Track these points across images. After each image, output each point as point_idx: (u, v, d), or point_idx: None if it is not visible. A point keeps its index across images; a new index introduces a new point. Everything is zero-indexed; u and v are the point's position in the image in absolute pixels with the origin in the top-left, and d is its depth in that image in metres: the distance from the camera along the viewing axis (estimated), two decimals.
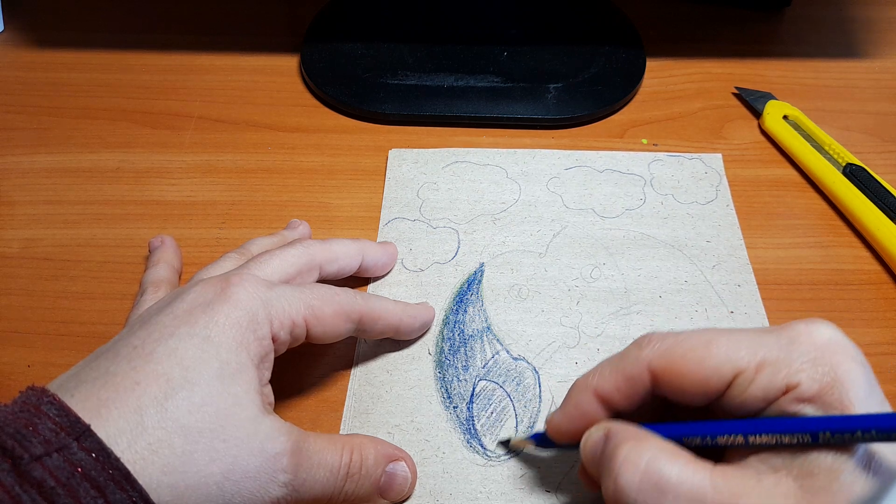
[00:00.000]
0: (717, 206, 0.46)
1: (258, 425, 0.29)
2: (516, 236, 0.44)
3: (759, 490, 0.25)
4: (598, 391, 0.29)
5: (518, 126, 0.52)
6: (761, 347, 0.26)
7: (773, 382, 0.26)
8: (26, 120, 0.53)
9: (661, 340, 0.28)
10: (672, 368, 0.27)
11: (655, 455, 0.26)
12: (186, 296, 0.31)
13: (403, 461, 0.33)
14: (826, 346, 0.26)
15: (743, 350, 0.26)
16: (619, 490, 0.26)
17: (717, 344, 0.27)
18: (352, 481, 0.31)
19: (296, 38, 0.58)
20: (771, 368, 0.26)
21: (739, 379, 0.26)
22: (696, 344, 0.27)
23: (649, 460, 0.26)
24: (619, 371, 0.29)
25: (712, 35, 0.59)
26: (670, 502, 0.25)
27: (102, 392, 0.27)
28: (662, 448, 0.26)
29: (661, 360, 0.28)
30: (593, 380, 0.30)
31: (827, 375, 0.25)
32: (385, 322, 0.37)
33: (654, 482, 0.25)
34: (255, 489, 0.28)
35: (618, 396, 0.29)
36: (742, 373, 0.26)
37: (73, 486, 0.24)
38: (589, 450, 0.29)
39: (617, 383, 0.29)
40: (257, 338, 0.30)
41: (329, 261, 0.38)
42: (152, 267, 0.40)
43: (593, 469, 0.29)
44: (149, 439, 0.26)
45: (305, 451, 0.30)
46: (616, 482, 0.26)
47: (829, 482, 0.24)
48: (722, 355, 0.27)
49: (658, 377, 0.28)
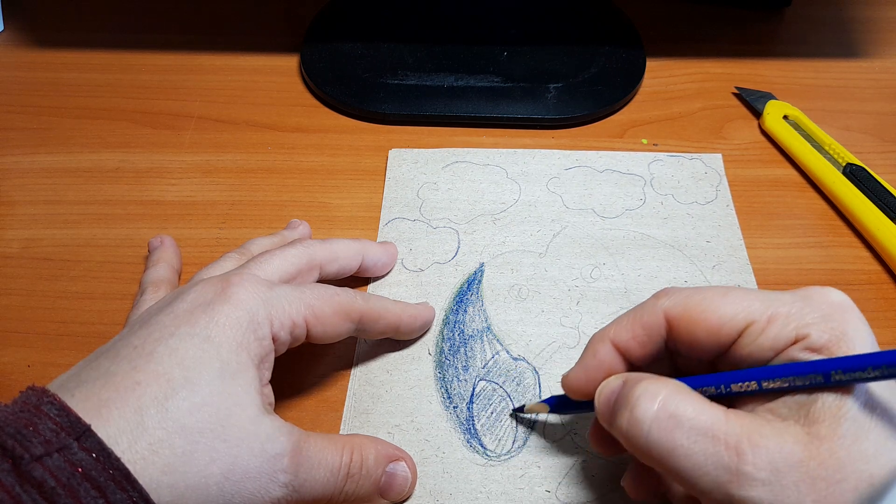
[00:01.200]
0: (717, 207, 0.46)
1: (258, 426, 0.29)
2: (516, 236, 0.44)
3: (770, 430, 0.25)
4: (616, 340, 0.30)
5: (518, 126, 0.52)
6: (774, 301, 0.28)
7: (783, 333, 0.27)
8: (26, 120, 0.53)
9: (679, 292, 0.29)
10: (688, 315, 0.28)
11: (673, 391, 0.27)
12: (187, 296, 0.31)
13: (404, 461, 0.33)
14: (838, 305, 0.27)
15: (757, 302, 0.28)
16: (634, 421, 0.27)
17: (732, 295, 0.28)
18: (352, 481, 0.31)
19: (296, 38, 0.58)
20: (783, 320, 0.27)
21: (751, 328, 0.27)
22: (712, 295, 0.29)
23: (667, 395, 0.27)
24: (636, 320, 0.30)
25: (712, 35, 0.59)
26: (684, 433, 0.26)
27: (103, 392, 0.27)
28: (679, 387, 0.27)
29: (677, 307, 0.29)
30: (611, 330, 0.31)
31: (836, 330, 0.26)
32: (385, 322, 0.37)
33: (669, 412, 0.26)
34: (255, 489, 0.28)
35: (634, 345, 0.30)
36: (754, 322, 0.27)
37: (73, 486, 0.24)
38: (605, 397, 0.29)
39: (634, 332, 0.30)
40: (257, 338, 0.31)
41: (329, 260, 0.38)
42: (152, 267, 0.40)
43: (607, 418, 0.29)
44: (149, 439, 0.26)
45: (306, 452, 0.30)
46: (632, 412, 0.27)
47: (833, 429, 0.25)
48: (736, 305, 0.28)
49: (674, 325, 0.29)
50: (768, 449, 0.25)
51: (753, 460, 0.25)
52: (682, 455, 0.25)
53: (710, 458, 0.25)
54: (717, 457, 0.25)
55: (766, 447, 0.25)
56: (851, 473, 0.24)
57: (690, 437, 0.25)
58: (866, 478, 0.24)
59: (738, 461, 0.25)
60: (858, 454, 0.24)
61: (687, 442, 0.25)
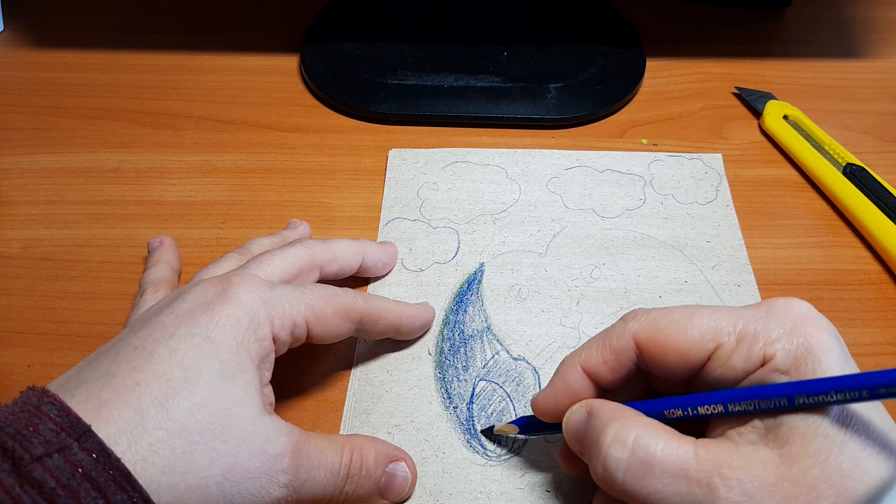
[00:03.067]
0: (717, 207, 0.46)
1: (258, 426, 0.29)
2: (516, 236, 0.44)
3: (740, 458, 0.25)
4: (586, 365, 0.30)
5: (518, 126, 0.52)
6: (740, 320, 0.28)
7: (751, 354, 0.27)
8: (26, 120, 0.53)
9: (646, 314, 0.29)
10: (656, 339, 0.28)
11: (641, 433, 0.27)
12: (187, 296, 0.31)
13: (403, 461, 0.33)
14: (801, 318, 0.27)
15: (723, 322, 0.28)
16: (608, 469, 0.27)
17: (699, 316, 0.28)
18: (352, 482, 0.31)
19: (296, 38, 0.58)
20: (750, 340, 0.27)
21: (720, 351, 0.27)
22: (679, 316, 0.29)
23: (636, 437, 0.27)
24: (605, 345, 0.30)
25: (712, 35, 0.59)
26: (657, 476, 0.26)
27: (103, 392, 0.27)
28: (647, 425, 0.27)
29: (645, 331, 0.29)
30: (580, 355, 0.31)
31: (801, 347, 0.26)
32: (385, 322, 0.37)
33: (640, 459, 0.26)
34: (255, 490, 0.28)
35: (604, 370, 0.30)
36: (722, 345, 0.27)
37: (73, 486, 0.24)
38: (572, 426, 0.30)
39: (604, 356, 0.30)
40: (258, 338, 0.30)
41: (330, 260, 0.38)
42: (151, 267, 0.40)
43: (576, 446, 0.30)
44: (149, 440, 0.26)
45: (306, 452, 0.30)
46: (605, 462, 0.27)
47: (805, 447, 0.25)
48: (703, 326, 0.28)
49: (643, 349, 0.29)
50: (740, 479, 0.25)
51: (726, 494, 0.25)
52: (659, 499, 0.26)
53: (685, 498, 0.25)
54: (691, 496, 0.25)
55: (738, 478, 0.25)
56: (827, 490, 0.24)
57: (663, 480, 0.26)
58: (843, 493, 0.24)
59: (711, 497, 0.25)
60: (833, 470, 0.24)
61: (661, 486, 0.26)
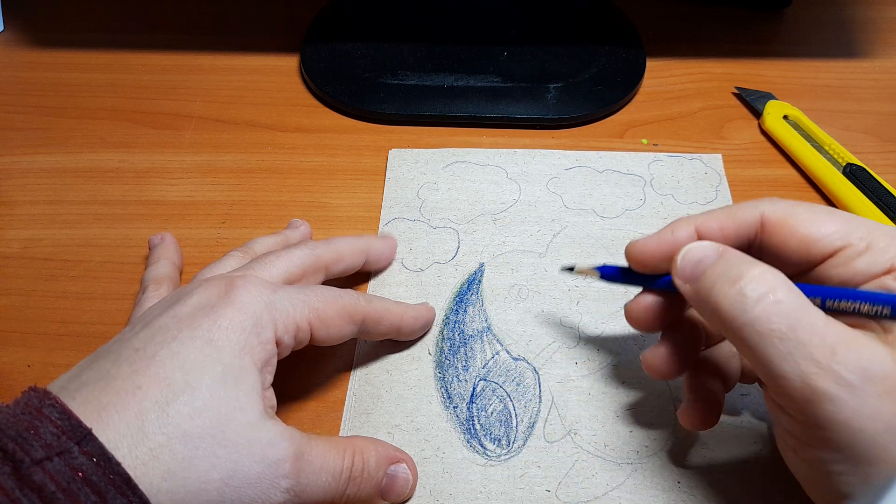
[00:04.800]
0: (716, 207, 0.46)
1: (260, 431, 0.29)
2: (516, 236, 0.44)
3: (864, 340, 0.26)
4: (701, 228, 0.31)
5: (518, 126, 0.52)
6: (876, 230, 0.29)
7: (876, 261, 0.28)
8: (26, 120, 0.53)
9: (782, 201, 0.30)
10: (787, 223, 0.29)
11: (784, 282, 0.27)
12: (189, 298, 0.31)
13: (404, 462, 0.33)
14: None
15: (857, 227, 0.29)
16: (741, 295, 0.27)
17: (836, 215, 0.29)
18: (354, 485, 0.31)
19: (296, 38, 0.58)
20: (879, 249, 0.28)
21: (847, 251, 0.28)
22: (817, 210, 0.29)
23: (779, 283, 0.27)
24: (730, 214, 0.30)
25: (712, 35, 0.59)
26: (785, 320, 0.26)
27: (103, 396, 0.27)
28: (789, 282, 0.27)
29: (777, 213, 0.30)
30: (699, 218, 0.31)
31: None
32: (388, 323, 0.37)
33: (777, 298, 0.26)
34: (256, 495, 0.28)
35: (719, 236, 0.30)
36: (851, 245, 0.28)
37: (73, 490, 0.24)
38: (694, 258, 0.29)
39: (724, 224, 0.30)
40: (261, 341, 0.30)
41: (335, 261, 0.38)
42: (153, 264, 0.40)
43: (688, 275, 0.29)
44: (150, 444, 0.26)
45: (307, 457, 0.29)
46: (742, 288, 0.27)
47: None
48: (838, 224, 0.29)
49: (768, 229, 0.30)
50: (860, 355, 0.25)
51: (844, 360, 0.25)
52: (777, 339, 0.26)
53: (802, 349, 0.25)
54: (810, 349, 0.25)
55: (859, 354, 0.25)
56: None
57: (791, 324, 0.26)
58: None
59: (830, 358, 0.25)
60: None
61: (786, 327, 0.26)
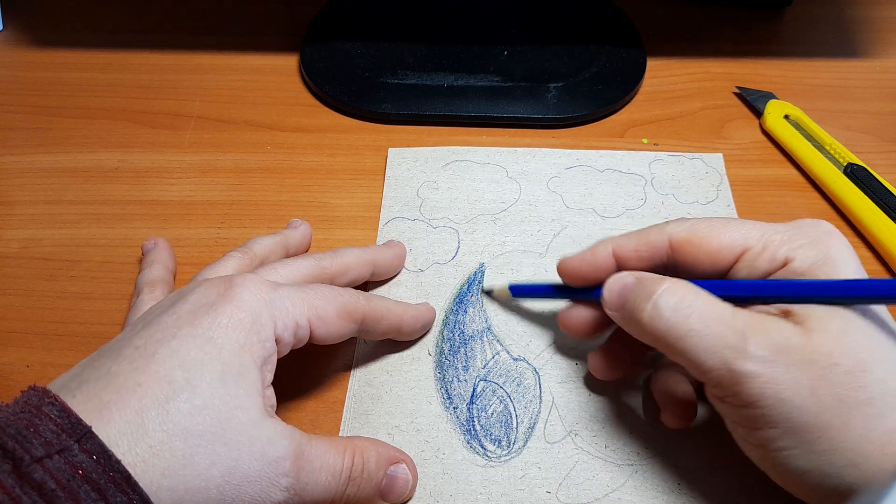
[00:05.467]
0: (717, 206, 0.46)
1: (260, 429, 0.29)
2: (517, 236, 0.44)
3: (770, 322, 0.29)
4: (618, 250, 0.34)
5: (518, 125, 0.52)
6: (769, 230, 0.32)
7: (774, 257, 0.31)
8: (26, 120, 0.53)
9: (686, 220, 0.33)
10: (691, 240, 0.32)
11: (691, 289, 0.30)
12: (190, 296, 0.31)
13: (404, 463, 0.33)
14: (824, 234, 0.31)
15: (754, 231, 0.32)
16: (657, 310, 0.30)
17: (733, 225, 0.32)
18: (354, 484, 0.31)
19: (296, 38, 0.58)
20: (775, 245, 0.31)
21: (748, 254, 0.31)
22: (715, 224, 0.33)
23: (685, 291, 0.30)
24: (642, 237, 0.34)
25: (713, 35, 0.59)
26: (698, 319, 0.29)
27: (104, 394, 0.27)
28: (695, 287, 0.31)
29: (683, 233, 0.33)
30: (616, 240, 0.34)
31: (821, 254, 0.30)
32: (388, 322, 0.37)
33: (687, 303, 0.30)
34: (255, 493, 0.28)
35: (634, 258, 0.34)
36: (750, 249, 0.31)
37: (73, 488, 0.24)
38: (617, 288, 0.33)
39: (638, 246, 0.34)
40: (260, 339, 0.30)
41: (340, 273, 0.38)
42: (147, 268, 0.40)
43: (615, 303, 0.33)
44: (150, 442, 0.26)
45: (307, 455, 0.29)
46: (655, 303, 0.30)
47: (822, 325, 0.28)
48: (736, 233, 0.32)
49: (676, 248, 0.33)
50: (769, 334, 0.28)
51: (755, 341, 0.28)
52: (695, 337, 0.29)
53: (718, 340, 0.28)
54: (724, 338, 0.28)
55: (767, 333, 0.28)
56: (844, 359, 0.27)
57: (703, 322, 0.29)
58: (859, 364, 0.27)
59: (742, 342, 0.28)
60: (849, 345, 0.28)
61: (700, 326, 0.29)
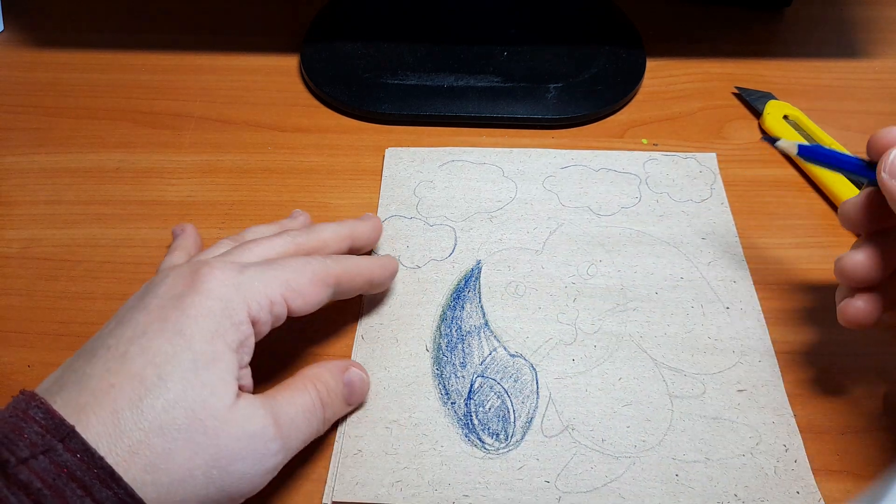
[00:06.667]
0: (711, 204, 0.46)
1: (235, 411, 0.29)
2: (513, 234, 0.44)
3: None
4: None
5: (518, 126, 0.52)
6: None
7: None
8: (26, 120, 0.53)
9: None
10: None
11: None
12: (158, 289, 0.31)
13: (352, 367, 0.35)
14: None
15: None
16: None
17: None
18: (328, 408, 0.33)
19: (296, 38, 0.58)
20: None
21: None
22: None
23: None
24: None
25: (712, 35, 0.59)
26: None
27: (80, 397, 0.27)
28: None
29: None
30: None
31: None
32: (361, 278, 0.37)
33: None
34: (247, 467, 0.29)
35: None
36: None
37: (59, 486, 0.25)
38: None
39: None
40: (234, 324, 0.30)
41: (317, 249, 0.37)
42: (169, 254, 0.40)
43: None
44: (128, 442, 0.26)
45: (282, 411, 0.31)
46: None
47: None
48: None
49: None
50: None
51: None
52: None
53: None
54: None
55: None
56: None
57: None
58: None
59: None
60: None
61: None
